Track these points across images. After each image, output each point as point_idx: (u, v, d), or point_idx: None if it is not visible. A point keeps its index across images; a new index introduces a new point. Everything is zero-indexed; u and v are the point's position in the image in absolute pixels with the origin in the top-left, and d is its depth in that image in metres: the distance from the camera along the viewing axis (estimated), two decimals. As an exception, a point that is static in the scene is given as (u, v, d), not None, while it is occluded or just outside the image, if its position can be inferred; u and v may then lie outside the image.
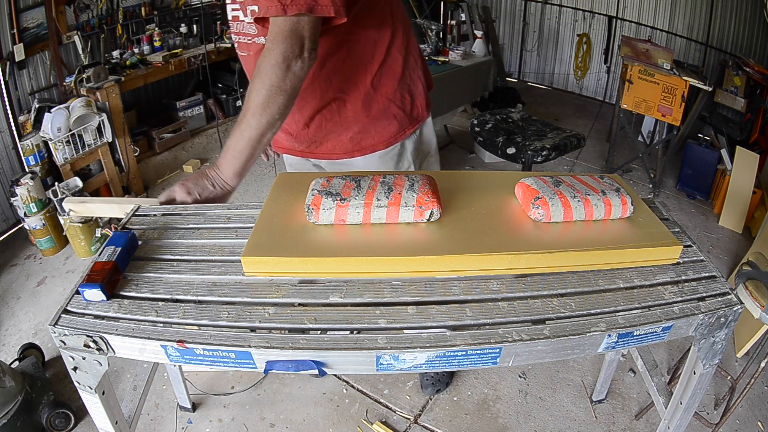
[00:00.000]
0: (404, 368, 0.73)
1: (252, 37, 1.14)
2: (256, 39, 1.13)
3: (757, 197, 2.73)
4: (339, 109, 1.20)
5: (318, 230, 0.84)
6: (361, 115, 1.21)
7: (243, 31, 1.15)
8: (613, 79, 4.46)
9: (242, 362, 0.72)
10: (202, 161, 3.54)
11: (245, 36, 1.15)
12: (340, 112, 1.21)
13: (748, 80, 3.07)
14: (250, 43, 1.15)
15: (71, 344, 0.74)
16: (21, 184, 2.36)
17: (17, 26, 2.62)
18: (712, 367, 0.87)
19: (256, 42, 1.14)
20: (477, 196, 0.93)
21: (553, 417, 1.72)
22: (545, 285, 0.81)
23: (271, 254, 0.79)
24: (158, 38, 3.43)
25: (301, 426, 1.68)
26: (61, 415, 1.60)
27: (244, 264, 0.79)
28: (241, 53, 1.21)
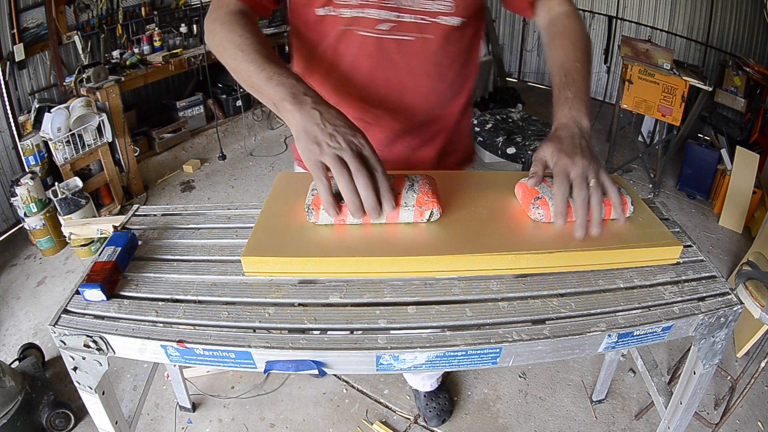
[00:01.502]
0: (404, 368, 0.73)
1: (435, 16, 0.93)
2: (443, 19, 0.93)
3: (757, 197, 2.73)
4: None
5: (318, 230, 0.84)
6: None
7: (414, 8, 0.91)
8: (613, 79, 4.46)
9: (242, 362, 0.72)
10: (202, 161, 3.54)
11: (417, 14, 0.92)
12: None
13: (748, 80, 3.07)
14: (427, 24, 0.93)
15: (71, 344, 0.74)
16: (21, 184, 2.36)
17: (17, 26, 2.62)
18: (712, 367, 0.87)
19: (438, 22, 0.93)
20: (477, 196, 0.93)
21: (553, 417, 1.72)
22: (545, 285, 0.81)
23: (271, 254, 0.79)
24: (158, 38, 3.43)
25: (301, 426, 1.68)
26: (61, 415, 1.60)
27: (244, 264, 0.79)
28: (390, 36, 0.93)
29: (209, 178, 3.36)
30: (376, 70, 0.98)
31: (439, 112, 1.08)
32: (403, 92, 1.01)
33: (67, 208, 2.42)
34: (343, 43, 0.96)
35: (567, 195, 0.78)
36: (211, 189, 3.21)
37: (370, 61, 0.97)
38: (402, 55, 0.96)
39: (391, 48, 0.95)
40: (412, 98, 1.03)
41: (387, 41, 0.94)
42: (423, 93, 1.02)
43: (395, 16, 0.92)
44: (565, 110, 0.87)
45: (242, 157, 3.67)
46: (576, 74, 0.90)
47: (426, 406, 1.70)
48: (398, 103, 1.03)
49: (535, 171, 0.85)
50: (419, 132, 1.09)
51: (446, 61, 1.00)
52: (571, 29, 0.97)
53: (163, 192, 3.22)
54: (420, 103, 1.04)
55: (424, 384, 1.71)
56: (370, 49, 0.95)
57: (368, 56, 0.96)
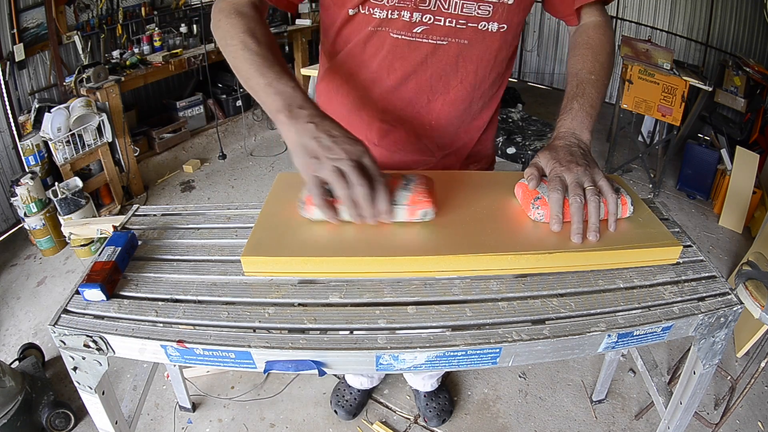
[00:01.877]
0: (404, 368, 0.73)
1: (472, 21, 0.90)
2: (481, 24, 0.90)
3: (757, 197, 2.74)
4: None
5: (318, 230, 0.84)
6: None
7: (451, 11, 0.88)
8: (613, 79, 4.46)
9: (242, 362, 0.72)
10: (202, 161, 3.54)
11: (457, 18, 0.89)
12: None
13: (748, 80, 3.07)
14: (463, 29, 0.91)
15: (71, 344, 0.74)
16: (21, 184, 2.36)
17: (17, 26, 2.62)
18: (712, 367, 0.87)
19: (478, 28, 0.91)
20: (477, 196, 0.93)
21: (553, 417, 1.72)
22: (545, 285, 0.81)
23: (271, 254, 0.79)
24: (158, 38, 3.43)
25: (301, 426, 1.69)
26: (61, 415, 1.60)
27: (243, 264, 0.79)
28: (427, 40, 0.91)
29: (209, 178, 3.36)
30: (408, 71, 0.96)
31: (467, 121, 1.06)
32: (432, 97, 0.99)
33: (67, 208, 2.42)
34: (373, 43, 0.94)
35: (562, 199, 0.78)
36: (211, 189, 3.21)
37: (402, 63, 0.95)
38: (434, 58, 0.94)
39: (424, 51, 0.93)
40: (440, 104, 1.00)
41: (420, 44, 0.92)
42: (452, 99, 1.00)
43: (430, 20, 0.89)
44: (567, 121, 0.87)
45: (242, 157, 3.67)
46: (588, 86, 0.90)
47: (426, 406, 1.70)
48: (426, 108, 1.00)
49: (531, 172, 0.84)
50: (444, 140, 1.06)
51: (482, 70, 0.98)
52: (596, 40, 0.96)
53: (163, 192, 3.22)
54: (448, 110, 1.01)
55: (425, 384, 1.71)
56: (403, 51, 0.93)
57: (400, 57, 0.94)
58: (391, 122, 1.03)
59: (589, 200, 0.77)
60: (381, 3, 0.88)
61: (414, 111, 1.01)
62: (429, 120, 1.02)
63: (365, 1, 0.89)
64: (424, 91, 0.98)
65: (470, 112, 1.04)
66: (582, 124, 0.87)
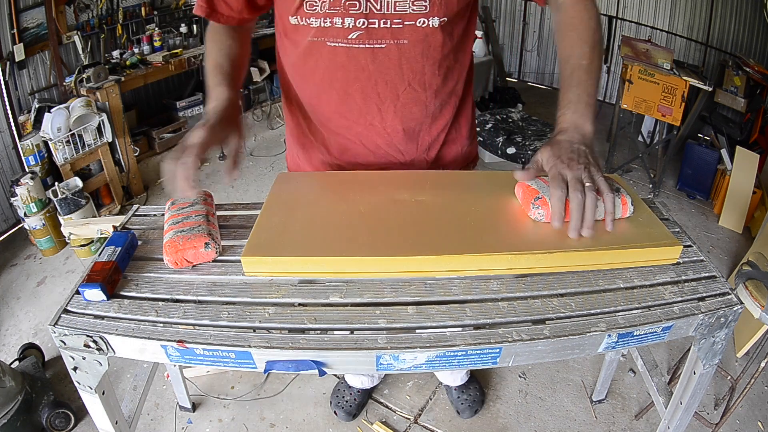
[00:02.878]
0: (404, 368, 0.73)
1: (409, 19, 0.86)
2: (419, 21, 0.86)
3: (757, 197, 2.73)
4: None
5: (318, 230, 0.84)
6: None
7: (384, 11, 0.85)
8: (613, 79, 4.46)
9: (242, 362, 0.72)
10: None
11: (389, 18, 0.86)
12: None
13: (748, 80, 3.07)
14: (400, 28, 0.87)
15: (71, 344, 0.74)
16: (21, 184, 2.36)
17: (17, 26, 2.62)
18: (712, 367, 0.87)
19: (417, 25, 0.87)
20: (477, 196, 0.93)
21: (553, 417, 1.72)
22: (545, 285, 0.81)
23: (271, 254, 0.79)
24: (158, 38, 3.43)
25: (301, 426, 1.68)
26: (61, 415, 1.60)
27: (243, 264, 0.79)
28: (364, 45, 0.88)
29: (209, 178, 3.36)
30: (350, 81, 0.93)
31: (427, 123, 1.02)
32: (381, 106, 0.96)
33: (67, 208, 2.42)
34: (314, 54, 0.93)
35: (563, 197, 0.78)
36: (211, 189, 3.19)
37: (343, 73, 0.93)
38: (375, 64, 0.91)
39: (363, 57, 0.90)
40: (392, 112, 0.97)
41: (357, 51, 0.89)
42: (403, 104, 0.97)
43: (364, 23, 0.87)
44: (568, 114, 0.85)
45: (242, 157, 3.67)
46: (582, 73, 0.87)
47: (458, 399, 1.71)
48: (378, 117, 0.98)
49: (529, 167, 0.84)
50: (406, 146, 1.03)
51: (429, 68, 0.94)
52: (579, 20, 0.90)
53: (163, 192, 3.21)
54: (402, 115, 0.98)
55: (454, 379, 1.73)
56: (342, 60, 0.91)
57: (341, 68, 0.92)
58: (347, 136, 1.02)
59: (587, 197, 0.77)
60: (314, 11, 0.87)
61: (367, 122, 0.99)
62: (384, 129, 0.99)
63: (300, 8, 0.88)
64: (372, 100, 0.95)
65: (427, 114, 1.01)
66: (583, 116, 0.85)
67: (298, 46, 0.94)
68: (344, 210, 0.88)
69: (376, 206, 0.90)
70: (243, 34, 1.02)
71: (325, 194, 0.93)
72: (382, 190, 0.94)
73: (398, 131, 1.00)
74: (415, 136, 1.03)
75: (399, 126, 0.99)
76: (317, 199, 0.92)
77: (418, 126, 1.01)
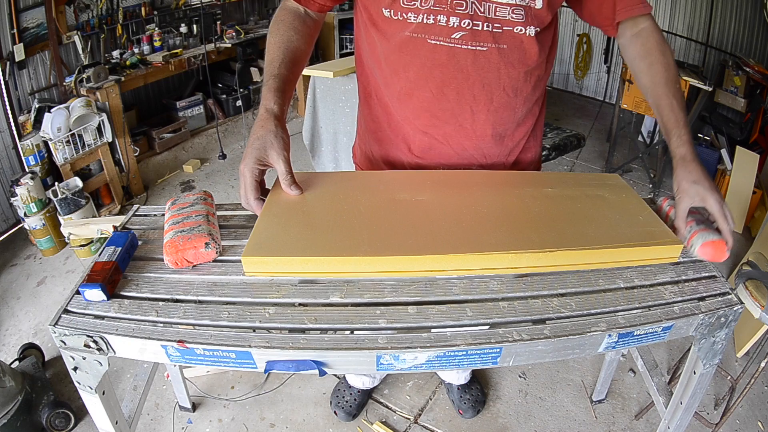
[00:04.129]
0: (404, 368, 0.73)
1: (511, 26, 0.89)
2: (517, 28, 0.89)
3: (757, 197, 2.73)
4: None
5: (318, 230, 0.84)
6: None
7: (488, 15, 0.87)
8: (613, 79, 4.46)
9: (242, 362, 0.72)
10: (202, 161, 3.54)
11: (491, 22, 0.88)
12: None
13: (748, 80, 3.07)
14: (501, 33, 0.89)
15: (71, 344, 0.74)
16: (21, 184, 2.36)
17: (17, 26, 2.62)
18: (712, 367, 0.87)
19: (514, 32, 0.89)
20: (477, 196, 0.93)
21: (553, 417, 1.72)
22: (545, 285, 0.81)
23: (272, 254, 0.79)
24: (158, 38, 3.43)
25: (301, 426, 1.68)
26: (61, 415, 1.60)
27: (244, 264, 0.79)
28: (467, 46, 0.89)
29: (209, 178, 3.36)
30: (447, 81, 0.93)
31: (512, 128, 1.03)
32: (475, 108, 0.97)
33: (67, 208, 2.42)
34: (411, 50, 0.92)
35: None
36: (211, 189, 3.21)
37: (441, 72, 0.92)
38: (475, 66, 0.92)
39: (464, 58, 0.91)
40: (485, 115, 0.98)
41: (459, 51, 0.90)
42: (495, 108, 0.98)
43: (468, 24, 0.88)
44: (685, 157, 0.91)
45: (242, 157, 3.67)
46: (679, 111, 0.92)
47: (460, 399, 1.71)
48: (470, 119, 0.98)
49: None
50: (489, 150, 1.04)
51: (523, 74, 0.96)
52: (660, 52, 0.97)
53: (163, 192, 3.22)
54: (493, 119, 0.99)
55: (458, 377, 1.73)
56: (442, 59, 0.91)
57: (440, 66, 0.92)
58: (434, 135, 1.01)
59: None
60: (413, 6, 0.87)
61: (458, 124, 0.99)
62: (473, 131, 1.00)
63: (395, 1, 0.88)
64: (467, 101, 0.96)
65: (514, 119, 1.02)
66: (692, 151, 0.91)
67: (390, 39, 0.93)
68: (344, 210, 0.88)
69: (377, 206, 0.90)
70: (311, 29, 1.01)
71: (326, 194, 0.94)
72: (383, 190, 0.94)
73: (487, 135, 1.01)
74: (501, 141, 1.04)
75: (489, 130, 1.00)
76: (317, 199, 0.92)
77: (504, 131, 1.03)
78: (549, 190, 0.96)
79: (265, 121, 0.86)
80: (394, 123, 1.05)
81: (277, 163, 0.86)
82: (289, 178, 0.88)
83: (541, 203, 0.92)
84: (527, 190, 0.95)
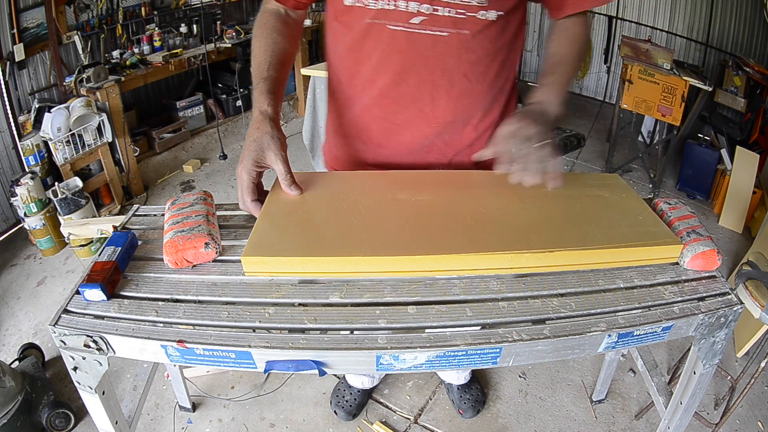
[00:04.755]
0: (404, 368, 0.73)
1: (474, 11, 0.88)
2: (480, 13, 0.89)
3: (757, 197, 2.73)
4: None
5: (318, 230, 0.84)
6: None
7: (452, 0, 0.87)
8: (613, 79, 4.46)
9: (242, 362, 0.72)
10: (202, 161, 3.54)
11: (453, 7, 0.87)
12: None
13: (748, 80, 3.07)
14: (463, 18, 0.88)
15: (71, 344, 0.74)
16: (21, 184, 2.36)
17: (17, 26, 2.62)
18: (712, 367, 0.87)
19: (478, 17, 0.89)
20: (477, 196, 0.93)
21: (553, 417, 1.72)
22: (545, 285, 0.81)
23: (271, 254, 0.79)
24: (158, 38, 3.43)
25: (301, 426, 1.68)
26: (61, 415, 1.60)
27: (244, 264, 0.79)
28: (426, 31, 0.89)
29: (209, 178, 3.36)
30: (407, 66, 0.93)
31: (477, 117, 1.03)
32: (435, 93, 0.97)
33: (67, 208, 2.42)
34: (371, 37, 0.92)
35: None
36: (211, 189, 3.21)
37: (401, 58, 0.92)
38: (435, 51, 0.91)
39: (425, 43, 0.91)
40: (445, 101, 0.98)
41: (420, 36, 0.90)
42: (457, 95, 0.98)
43: (428, 9, 0.88)
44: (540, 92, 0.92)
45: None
46: (562, 66, 0.94)
47: (460, 398, 1.72)
48: (430, 105, 0.98)
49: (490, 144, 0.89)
50: (452, 139, 1.03)
51: (485, 60, 0.95)
52: (574, 31, 0.98)
53: (163, 192, 3.22)
54: (454, 106, 0.99)
55: (458, 377, 1.73)
56: (401, 45, 0.91)
57: (399, 52, 0.92)
58: (393, 121, 1.01)
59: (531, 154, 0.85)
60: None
61: (417, 109, 0.99)
62: (434, 117, 1.00)
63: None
64: (427, 87, 0.96)
65: (479, 107, 1.02)
66: (554, 95, 0.91)
67: (351, 28, 0.94)
68: (344, 210, 0.88)
69: (376, 206, 0.90)
70: (293, 29, 1.01)
71: (325, 194, 0.94)
72: (383, 190, 0.94)
73: (448, 121, 1.00)
74: (463, 129, 1.03)
75: (449, 116, 1.00)
76: (317, 199, 0.92)
77: (467, 118, 1.02)
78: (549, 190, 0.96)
79: (260, 123, 0.87)
80: (354, 115, 1.05)
81: (275, 164, 0.86)
82: (289, 178, 0.88)
83: (541, 203, 0.91)
84: (527, 190, 0.95)
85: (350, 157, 1.12)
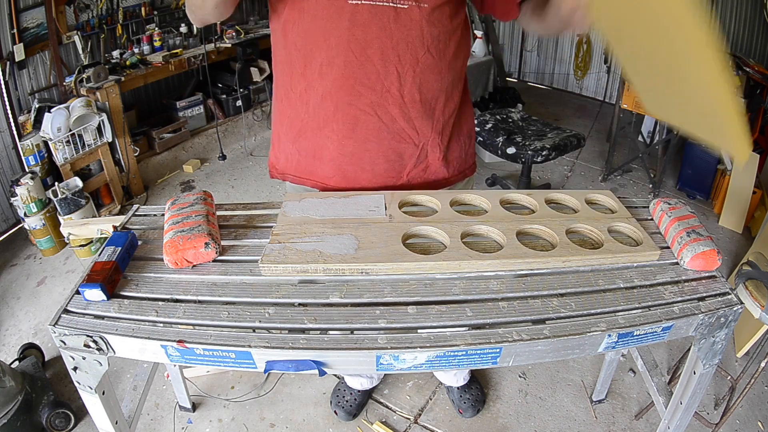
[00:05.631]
0: (404, 368, 0.73)
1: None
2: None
3: (757, 197, 2.73)
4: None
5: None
6: None
7: None
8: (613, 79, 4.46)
9: (242, 362, 0.72)
10: (202, 161, 3.54)
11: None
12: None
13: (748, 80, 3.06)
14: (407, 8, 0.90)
15: (71, 344, 0.74)
16: (21, 184, 2.36)
17: (17, 26, 2.62)
18: (712, 367, 0.87)
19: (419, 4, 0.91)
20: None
21: (553, 417, 1.72)
22: (545, 285, 0.81)
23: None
24: (158, 38, 3.43)
25: (301, 426, 1.68)
26: (61, 415, 1.60)
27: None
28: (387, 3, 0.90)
29: (209, 178, 3.36)
30: (370, 41, 0.91)
31: (443, 98, 1.01)
32: (401, 68, 0.94)
33: (67, 208, 2.42)
34: (331, 14, 0.90)
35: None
36: (211, 189, 3.21)
37: (363, 32, 0.90)
38: (398, 24, 0.90)
39: (386, 16, 0.89)
40: (411, 76, 0.96)
41: (382, 8, 0.89)
42: (422, 70, 0.96)
43: None
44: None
45: (242, 157, 3.67)
46: None
47: (460, 399, 1.72)
48: (396, 81, 0.95)
49: None
50: (422, 122, 1.00)
51: (444, 37, 0.95)
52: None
53: (163, 192, 3.21)
54: (420, 82, 0.97)
55: (457, 379, 1.73)
56: (364, 18, 0.89)
57: (361, 25, 0.90)
58: (359, 106, 0.97)
59: None
60: None
61: (384, 89, 0.95)
62: (401, 96, 0.97)
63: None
64: (392, 62, 0.93)
65: (441, 86, 1.00)
66: None
67: (308, 11, 0.91)
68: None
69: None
70: None
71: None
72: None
73: (416, 100, 0.98)
74: (431, 112, 1.01)
75: (417, 94, 0.98)
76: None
77: (433, 99, 1.00)
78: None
79: None
80: (314, 106, 1.00)
81: None
82: None
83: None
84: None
85: (313, 152, 1.05)
